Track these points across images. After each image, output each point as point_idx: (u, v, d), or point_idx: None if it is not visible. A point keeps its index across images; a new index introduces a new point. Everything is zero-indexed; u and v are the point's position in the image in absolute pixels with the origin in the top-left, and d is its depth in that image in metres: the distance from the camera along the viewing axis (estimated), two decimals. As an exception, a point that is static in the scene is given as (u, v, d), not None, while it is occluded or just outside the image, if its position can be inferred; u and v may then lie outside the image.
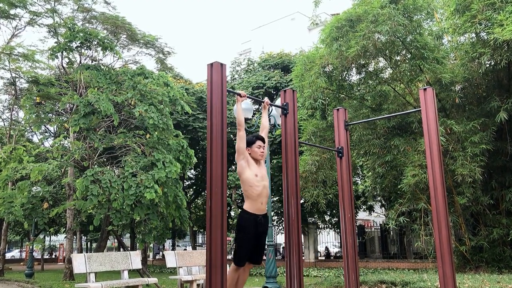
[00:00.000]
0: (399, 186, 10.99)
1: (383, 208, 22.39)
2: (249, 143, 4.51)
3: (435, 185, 4.63)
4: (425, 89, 4.88)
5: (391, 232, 20.50)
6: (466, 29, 9.97)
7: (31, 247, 18.43)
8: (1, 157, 14.70)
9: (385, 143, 11.70)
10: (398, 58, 11.66)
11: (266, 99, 4.98)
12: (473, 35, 10.80)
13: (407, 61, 11.23)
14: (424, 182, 10.05)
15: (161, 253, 31.01)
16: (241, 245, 4.36)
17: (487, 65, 10.52)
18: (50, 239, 36.71)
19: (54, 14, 14.64)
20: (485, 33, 10.15)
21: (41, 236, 27.52)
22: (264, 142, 4.60)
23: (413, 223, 11.69)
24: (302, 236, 20.56)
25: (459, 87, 11.54)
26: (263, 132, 4.79)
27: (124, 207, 11.18)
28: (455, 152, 10.42)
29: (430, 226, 10.81)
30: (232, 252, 4.53)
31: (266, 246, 4.54)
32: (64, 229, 21.98)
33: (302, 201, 15.69)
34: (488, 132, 10.59)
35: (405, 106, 11.86)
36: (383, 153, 11.73)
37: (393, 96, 12.38)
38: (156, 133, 12.45)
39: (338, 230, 22.27)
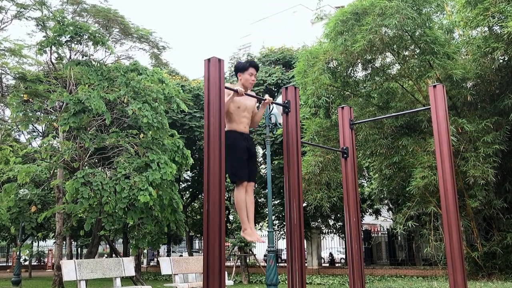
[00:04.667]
0: (407, 189, 10.98)
1: (390, 212, 22.39)
2: (242, 69, 4.79)
3: (445, 187, 4.63)
4: (435, 86, 4.88)
5: (399, 237, 20.50)
6: (479, 22, 9.97)
7: (18, 253, 18.42)
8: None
9: (393, 143, 11.70)
10: (407, 53, 11.65)
11: (267, 97, 4.97)
12: (486, 28, 10.79)
13: (416, 57, 11.23)
14: (434, 185, 10.04)
15: (155, 259, 31.01)
16: (235, 163, 4.66)
17: (501, 61, 10.52)
18: (38, 245, 36.68)
19: (43, 6, 14.63)
20: (498, 27, 10.14)
21: (29, 241, 27.53)
22: (257, 70, 4.87)
23: (422, 227, 11.68)
24: (305, 241, 20.56)
25: (471, 83, 11.53)
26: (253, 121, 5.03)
27: (117, 210, 11.17)
28: (466, 153, 10.41)
29: (440, 231, 10.80)
30: (228, 175, 4.77)
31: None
32: (53, 234, 21.97)
33: (304, 204, 15.67)
34: (502, 132, 10.58)
35: (414, 104, 11.86)
36: (390, 154, 11.73)
37: (401, 93, 12.38)
38: (150, 132, 12.45)
39: (343, 235, 22.28)
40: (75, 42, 13.58)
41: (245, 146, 4.72)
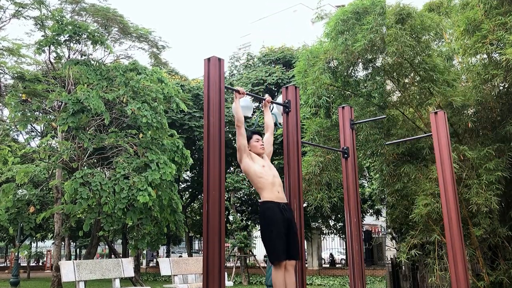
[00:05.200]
0: (410, 217, 10.93)
1: (393, 241, 22.36)
2: (248, 140, 4.68)
3: (449, 215, 4.61)
4: (436, 113, 4.89)
5: (403, 267, 20.46)
6: (477, 49, 10.01)
7: (16, 253, 18.42)
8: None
9: (395, 170, 11.69)
10: (407, 80, 11.68)
11: (267, 97, 4.99)
12: (485, 56, 10.82)
13: (416, 84, 11.24)
14: (437, 212, 9.99)
15: (154, 260, 31.03)
16: (272, 238, 4.23)
17: (501, 87, 10.53)
18: (37, 245, 36.69)
19: (41, 5, 14.63)
20: (497, 54, 10.17)
21: (27, 242, 27.54)
22: (261, 136, 4.78)
23: (427, 256, 11.60)
24: (305, 242, 20.56)
25: (472, 110, 11.53)
26: (268, 132, 4.95)
27: (116, 211, 11.17)
28: (469, 180, 10.36)
29: (445, 260, 10.74)
30: (266, 254, 4.42)
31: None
32: (51, 234, 21.99)
33: (305, 204, 15.62)
34: (504, 159, 10.56)
35: (415, 131, 11.84)
36: (392, 181, 11.72)
37: (402, 121, 12.38)
38: (149, 132, 12.44)
39: (344, 235, 22.30)
40: (74, 42, 13.59)
41: (282, 218, 4.31)
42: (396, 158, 11.85)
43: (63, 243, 18.54)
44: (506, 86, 10.54)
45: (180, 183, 23.71)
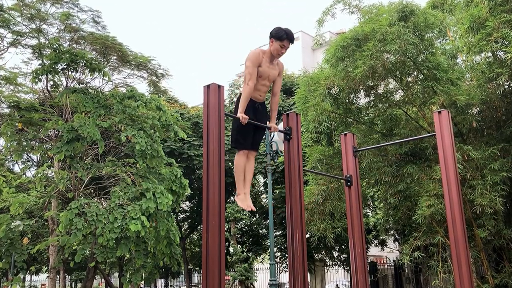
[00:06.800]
0: (413, 218, 10.88)
1: (396, 243, 22.16)
2: (277, 38, 4.75)
3: (453, 216, 4.59)
4: (439, 112, 4.89)
5: (406, 269, 20.22)
6: (482, 47, 10.06)
7: (9, 287, 18.12)
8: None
9: (397, 171, 11.65)
10: (410, 79, 11.72)
11: (273, 125, 5.02)
12: (490, 54, 10.89)
13: (419, 83, 11.28)
14: (441, 214, 9.95)
15: (152, 294, 30.56)
16: (239, 130, 4.62)
17: (506, 86, 10.56)
18: (31, 279, 36.22)
19: (40, 34, 14.81)
20: (502, 52, 10.23)
21: (21, 275, 27.16)
22: (291, 44, 4.83)
23: (430, 259, 11.51)
24: (308, 274, 20.27)
25: (476, 110, 11.56)
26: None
27: (108, 240, 11.02)
28: (473, 181, 10.34)
29: (448, 262, 10.66)
30: (230, 140, 4.84)
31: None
32: (46, 267, 21.71)
33: (307, 235, 15.51)
34: (509, 159, 10.54)
35: (418, 131, 11.86)
36: (395, 182, 11.67)
37: (405, 120, 12.39)
38: (142, 161, 12.27)
39: (348, 267, 21.99)
40: (71, 70, 13.70)
41: (253, 115, 4.67)
42: (399, 158, 11.78)
43: (58, 276, 18.28)
44: (511, 84, 10.51)
45: (179, 214, 23.55)
